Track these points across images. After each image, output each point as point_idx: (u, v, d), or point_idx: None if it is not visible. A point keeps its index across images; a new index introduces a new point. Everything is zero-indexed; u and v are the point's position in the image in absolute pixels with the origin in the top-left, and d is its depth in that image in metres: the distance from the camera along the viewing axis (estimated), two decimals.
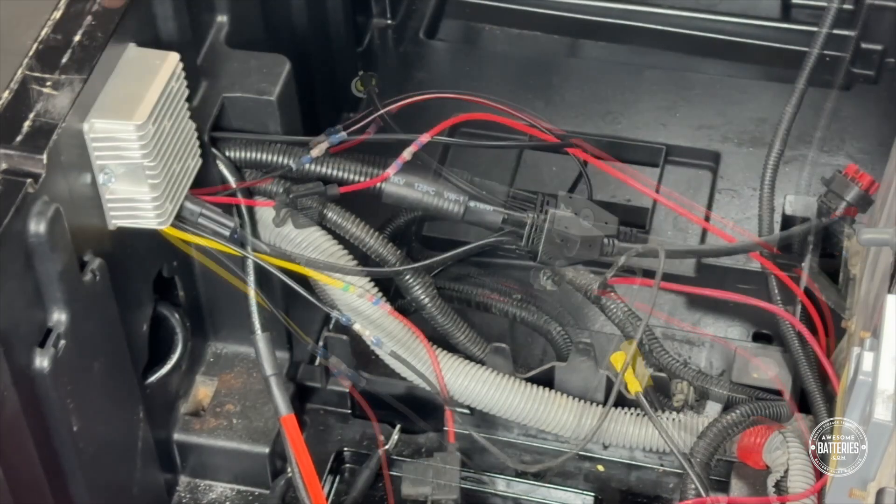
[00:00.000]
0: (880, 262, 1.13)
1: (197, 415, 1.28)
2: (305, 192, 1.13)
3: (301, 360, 1.33)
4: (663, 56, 1.69)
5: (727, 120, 1.59)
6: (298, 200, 1.13)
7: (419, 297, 1.23)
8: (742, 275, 1.41)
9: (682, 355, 1.37)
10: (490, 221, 1.16)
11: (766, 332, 1.40)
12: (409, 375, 1.24)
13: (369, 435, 1.32)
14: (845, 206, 1.25)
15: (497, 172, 1.53)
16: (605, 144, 1.54)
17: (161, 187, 1.04)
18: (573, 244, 1.15)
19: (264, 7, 1.40)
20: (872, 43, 1.63)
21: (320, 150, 1.14)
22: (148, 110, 1.00)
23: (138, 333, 1.16)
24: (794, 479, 1.14)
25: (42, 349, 0.98)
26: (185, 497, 1.28)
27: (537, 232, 1.14)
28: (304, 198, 1.14)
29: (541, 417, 1.23)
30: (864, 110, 1.59)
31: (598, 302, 1.23)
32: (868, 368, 0.94)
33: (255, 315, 1.16)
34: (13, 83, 0.99)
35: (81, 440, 1.05)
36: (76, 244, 1.00)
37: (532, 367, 1.28)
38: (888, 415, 0.91)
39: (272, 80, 1.16)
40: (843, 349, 1.25)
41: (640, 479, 1.29)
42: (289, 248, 1.18)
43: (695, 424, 1.22)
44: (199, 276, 1.24)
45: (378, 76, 1.33)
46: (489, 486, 1.29)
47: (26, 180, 0.94)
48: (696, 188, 1.52)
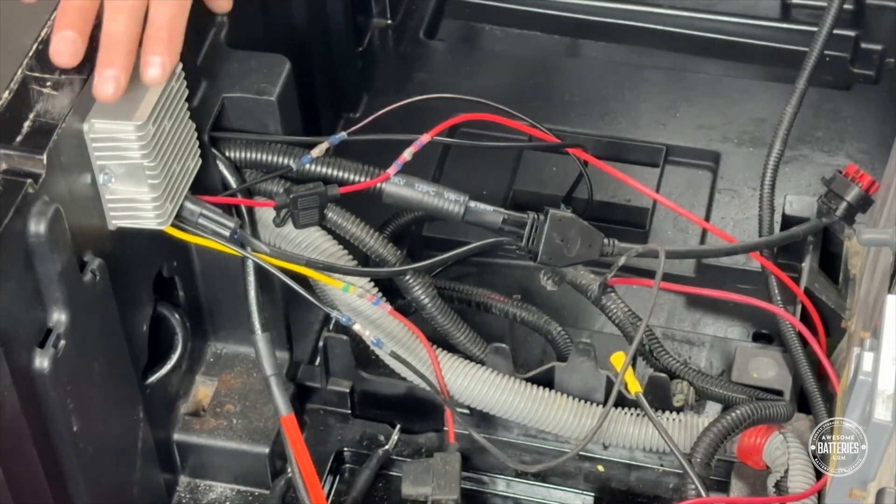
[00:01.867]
0: (880, 262, 1.13)
1: (197, 415, 1.28)
2: (305, 193, 1.13)
3: (301, 360, 1.33)
4: (663, 56, 1.69)
5: (727, 120, 1.59)
6: (299, 200, 1.13)
7: (419, 298, 1.23)
8: (742, 275, 1.41)
9: (682, 355, 1.37)
10: (490, 221, 1.16)
11: (765, 332, 1.40)
12: (409, 376, 1.24)
13: (369, 435, 1.32)
14: (846, 206, 1.25)
15: (497, 173, 1.54)
16: (604, 144, 1.54)
17: (161, 187, 1.04)
18: (573, 244, 1.15)
19: (264, 7, 1.40)
20: (872, 43, 1.64)
21: (320, 151, 1.14)
22: (148, 110, 1.00)
23: (138, 333, 1.16)
24: (794, 480, 1.14)
25: (42, 349, 0.98)
26: (185, 497, 1.28)
27: (537, 232, 1.14)
28: (305, 198, 1.13)
29: (541, 417, 1.23)
30: (864, 110, 1.59)
31: (599, 302, 1.23)
32: (868, 369, 0.94)
33: (255, 315, 1.16)
34: (13, 83, 0.99)
35: (81, 440, 1.05)
36: (76, 244, 1.00)
37: (532, 367, 1.28)
38: (888, 415, 0.91)
39: (272, 81, 1.16)
40: (843, 349, 1.25)
41: (640, 480, 1.29)
42: (289, 249, 1.18)
43: (695, 424, 1.22)
44: (200, 276, 1.24)
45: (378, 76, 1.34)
46: (489, 487, 1.29)
47: (26, 180, 0.94)
48: (695, 188, 1.52)
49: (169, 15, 1.00)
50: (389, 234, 1.34)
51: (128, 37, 0.98)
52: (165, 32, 0.99)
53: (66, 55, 0.97)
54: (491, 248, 1.21)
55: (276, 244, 1.18)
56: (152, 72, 0.99)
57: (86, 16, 0.98)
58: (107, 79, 0.97)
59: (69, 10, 0.97)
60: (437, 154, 1.54)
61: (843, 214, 1.25)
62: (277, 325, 1.27)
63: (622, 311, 1.23)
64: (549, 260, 1.15)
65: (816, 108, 1.59)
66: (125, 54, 0.98)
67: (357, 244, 1.21)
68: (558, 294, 1.26)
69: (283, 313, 1.27)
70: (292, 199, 1.13)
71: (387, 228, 1.35)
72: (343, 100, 1.60)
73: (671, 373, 1.24)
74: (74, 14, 0.97)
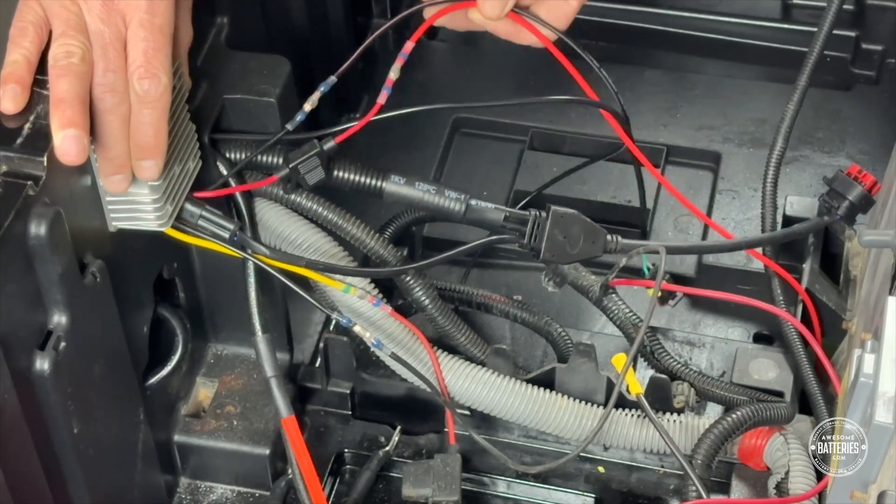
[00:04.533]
0: (881, 263, 1.13)
1: (197, 416, 1.28)
2: (303, 157, 1.11)
3: (301, 362, 1.33)
4: (663, 56, 1.68)
5: (728, 120, 1.59)
6: (300, 166, 1.12)
7: (419, 299, 1.23)
8: (743, 275, 1.41)
9: (682, 356, 1.37)
10: (492, 219, 1.15)
11: (766, 333, 1.40)
12: (409, 377, 1.23)
13: (370, 436, 1.32)
14: (848, 205, 1.25)
15: (498, 173, 1.54)
16: (605, 145, 1.54)
17: (161, 189, 1.03)
18: (576, 241, 1.14)
19: (264, 8, 1.40)
20: (873, 43, 1.63)
21: (313, 103, 1.12)
22: None
23: (139, 335, 1.16)
24: (795, 481, 1.14)
25: (42, 351, 0.98)
26: (186, 499, 1.28)
27: (539, 229, 1.14)
28: (304, 162, 1.12)
29: (541, 419, 1.23)
30: (865, 111, 1.59)
31: (600, 304, 1.23)
32: (869, 371, 0.94)
33: (256, 317, 1.16)
34: None
35: (82, 442, 1.05)
36: (76, 246, 1.00)
37: (533, 368, 1.28)
38: (889, 417, 0.90)
39: (273, 82, 1.16)
40: (844, 350, 1.25)
41: (640, 481, 1.29)
42: (289, 250, 1.18)
43: (695, 426, 1.22)
44: (200, 277, 1.24)
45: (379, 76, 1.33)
46: (490, 488, 1.29)
47: (27, 183, 0.94)
48: (696, 189, 1.52)
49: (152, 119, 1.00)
50: (390, 235, 1.34)
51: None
52: (151, 138, 1.00)
53: (74, 153, 0.95)
54: (493, 245, 1.20)
55: (277, 245, 1.18)
56: (147, 175, 1.02)
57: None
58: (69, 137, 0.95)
59: (77, 103, 0.95)
60: (437, 154, 1.54)
61: (845, 213, 1.25)
62: (278, 327, 1.26)
63: (623, 312, 1.23)
64: (552, 257, 1.14)
65: (817, 109, 1.59)
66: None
67: (357, 245, 1.21)
68: (559, 295, 1.26)
69: (283, 314, 1.27)
70: (292, 167, 1.11)
71: (387, 229, 1.35)
72: (343, 100, 1.59)
73: (672, 374, 1.24)
74: (82, 107, 0.95)
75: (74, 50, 0.95)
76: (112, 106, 0.97)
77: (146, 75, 0.97)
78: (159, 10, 0.99)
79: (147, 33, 0.98)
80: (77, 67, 0.95)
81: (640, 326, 1.20)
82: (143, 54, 0.98)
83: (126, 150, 1.00)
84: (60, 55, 0.95)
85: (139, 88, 0.97)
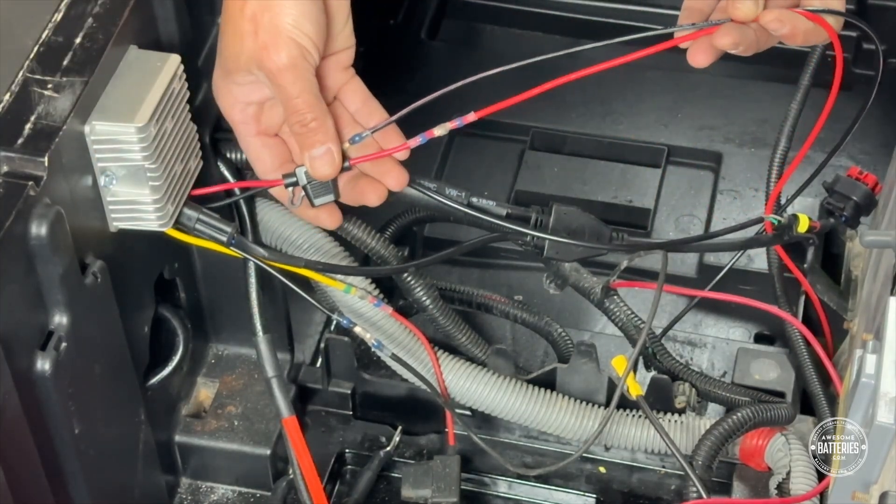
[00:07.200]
0: (882, 264, 1.13)
1: (198, 416, 1.28)
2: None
3: (302, 362, 1.33)
4: (664, 57, 1.68)
5: (729, 121, 1.59)
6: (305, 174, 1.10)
7: (420, 299, 1.23)
8: (744, 276, 1.41)
9: (683, 357, 1.37)
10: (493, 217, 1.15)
11: (767, 333, 1.40)
12: (410, 378, 1.23)
13: (371, 436, 1.32)
14: (854, 206, 1.25)
15: (499, 173, 1.54)
16: (606, 145, 1.54)
17: (162, 189, 1.03)
18: (579, 238, 1.14)
19: None
20: (874, 43, 1.63)
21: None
22: (149, 112, 1.00)
23: (139, 335, 1.16)
24: (796, 482, 1.14)
25: (43, 352, 0.97)
26: (187, 499, 1.28)
27: (542, 227, 1.13)
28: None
29: (542, 419, 1.23)
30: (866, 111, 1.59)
31: (602, 305, 1.23)
32: (871, 371, 0.94)
33: (257, 317, 1.16)
34: (14, 85, 0.98)
35: (83, 442, 1.05)
36: (77, 246, 0.99)
37: (533, 369, 1.28)
38: (891, 417, 0.90)
39: None
40: (845, 350, 1.25)
41: (641, 481, 1.29)
42: (290, 250, 1.18)
43: (696, 426, 1.21)
44: (201, 277, 1.24)
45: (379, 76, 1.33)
46: (491, 488, 1.29)
47: (28, 183, 0.93)
48: (697, 189, 1.52)
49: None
50: (390, 235, 1.33)
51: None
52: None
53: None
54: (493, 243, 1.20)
55: (277, 246, 1.18)
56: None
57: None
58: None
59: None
60: (437, 154, 1.54)
61: (851, 214, 1.24)
62: (279, 327, 1.26)
63: (625, 313, 1.23)
64: (555, 254, 1.13)
65: (818, 109, 1.58)
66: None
67: (358, 245, 1.21)
68: (559, 295, 1.26)
69: (284, 315, 1.27)
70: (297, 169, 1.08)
71: (388, 229, 1.35)
72: None
73: (673, 374, 1.24)
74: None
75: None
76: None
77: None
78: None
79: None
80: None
81: (641, 328, 1.19)
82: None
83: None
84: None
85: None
